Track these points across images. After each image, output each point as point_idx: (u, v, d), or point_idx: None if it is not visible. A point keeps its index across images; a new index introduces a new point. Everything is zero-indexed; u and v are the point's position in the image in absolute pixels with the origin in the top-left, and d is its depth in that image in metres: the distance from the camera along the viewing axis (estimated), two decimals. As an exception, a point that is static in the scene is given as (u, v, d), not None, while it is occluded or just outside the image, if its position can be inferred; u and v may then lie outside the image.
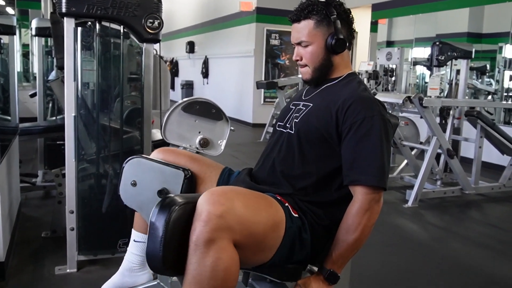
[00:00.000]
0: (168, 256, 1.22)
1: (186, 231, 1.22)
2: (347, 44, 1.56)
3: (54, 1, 2.19)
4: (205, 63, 11.22)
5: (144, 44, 2.31)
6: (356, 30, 1.58)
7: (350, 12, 1.58)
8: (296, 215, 1.43)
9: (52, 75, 4.20)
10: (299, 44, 1.57)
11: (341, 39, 1.52)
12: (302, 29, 1.54)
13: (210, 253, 1.18)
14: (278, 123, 1.66)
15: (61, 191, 2.67)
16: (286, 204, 1.43)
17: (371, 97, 1.50)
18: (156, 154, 1.72)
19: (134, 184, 1.65)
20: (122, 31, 2.27)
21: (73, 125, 2.23)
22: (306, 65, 1.58)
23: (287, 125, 1.59)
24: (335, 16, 1.51)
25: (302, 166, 1.51)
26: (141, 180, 1.65)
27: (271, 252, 1.35)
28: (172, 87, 13.61)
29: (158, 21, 2.25)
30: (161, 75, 2.48)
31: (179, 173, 1.61)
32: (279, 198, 1.44)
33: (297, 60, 1.60)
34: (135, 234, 1.75)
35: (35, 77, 4.44)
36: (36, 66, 4.30)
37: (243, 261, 1.28)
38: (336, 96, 1.52)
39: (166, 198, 1.30)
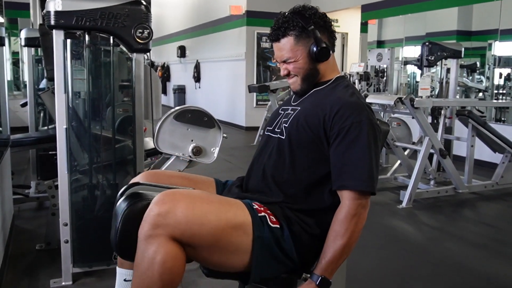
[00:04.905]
0: (123, 244, 1.36)
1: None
2: (330, 49, 1.56)
3: (42, 13, 2.18)
4: (197, 67, 11.21)
5: (134, 54, 2.31)
6: (346, 31, 1.57)
7: (326, 16, 1.58)
8: (277, 225, 1.43)
9: (43, 83, 4.19)
10: (284, 61, 1.57)
11: (323, 47, 1.52)
12: (284, 47, 1.54)
13: (149, 247, 1.28)
14: (267, 127, 1.66)
15: (54, 203, 2.66)
16: (263, 214, 1.43)
17: (359, 102, 1.50)
18: (143, 179, 1.62)
19: None
20: (111, 41, 2.27)
21: (64, 138, 2.22)
22: (295, 76, 1.59)
23: (277, 129, 1.59)
24: (312, 27, 1.51)
25: (293, 171, 1.51)
26: None
27: (239, 257, 1.38)
28: (164, 92, 13.59)
29: (148, 30, 2.24)
30: (152, 84, 2.47)
31: None
32: (255, 206, 1.45)
33: (286, 75, 1.60)
34: (121, 272, 1.63)
35: (26, 85, 4.41)
36: (26, 74, 4.27)
37: (202, 260, 1.39)
38: (324, 100, 1.52)
39: (132, 193, 1.41)
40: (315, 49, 1.52)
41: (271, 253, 1.40)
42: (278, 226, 1.43)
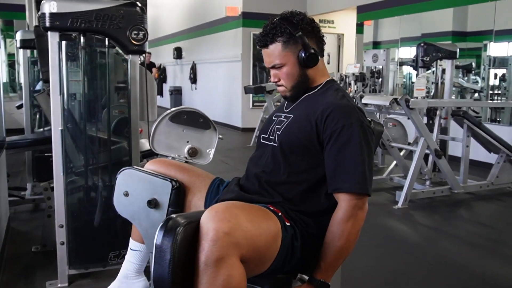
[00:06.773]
0: (177, 279, 1.21)
1: (191, 251, 1.21)
2: (319, 55, 1.57)
3: (38, 15, 2.18)
4: (193, 69, 11.21)
5: (130, 55, 2.31)
6: (342, 32, 1.57)
7: (314, 21, 1.58)
8: (289, 224, 1.44)
9: (39, 85, 4.17)
10: (272, 67, 1.58)
11: (311, 53, 1.52)
12: (272, 53, 1.55)
13: (221, 272, 1.17)
14: (262, 135, 1.67)
15: (50, 204, 2.65)
16: (280, 214, 1.43)
17: (349, 104, 1.51)
18: (148, 166, 1.76)
19: (126, 194, 1.69)
20: (107, 43, 2.27)
21: (60, 140, 2.21)
22: (283, 85, 1.60)
23: (271, 137, 1.61)
24: (300, 33, 1.51)
25: (288, 177, 1.52)
26: (132, 190, 1.69)
27: (269, 263, 1.36)
28: (161, 93, 13.58)
29: (143, 32, 2.24)
30: (147, 85, 2.48)
31: (167, 184, 1.63)
32: (272, 208, 1.45)
33: (275, 82, 1.61)
34: (132, 243, 1.80)
35: (21, 87, 4.39)
36: (22, 76, 4.25)
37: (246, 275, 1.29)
38: (315, 105, 1.54)
39: (169, 220, 1.27)
40: (303, 55, 1.52)
41: (286, 252, 1.40)
42: (289, 224, 1.44)
